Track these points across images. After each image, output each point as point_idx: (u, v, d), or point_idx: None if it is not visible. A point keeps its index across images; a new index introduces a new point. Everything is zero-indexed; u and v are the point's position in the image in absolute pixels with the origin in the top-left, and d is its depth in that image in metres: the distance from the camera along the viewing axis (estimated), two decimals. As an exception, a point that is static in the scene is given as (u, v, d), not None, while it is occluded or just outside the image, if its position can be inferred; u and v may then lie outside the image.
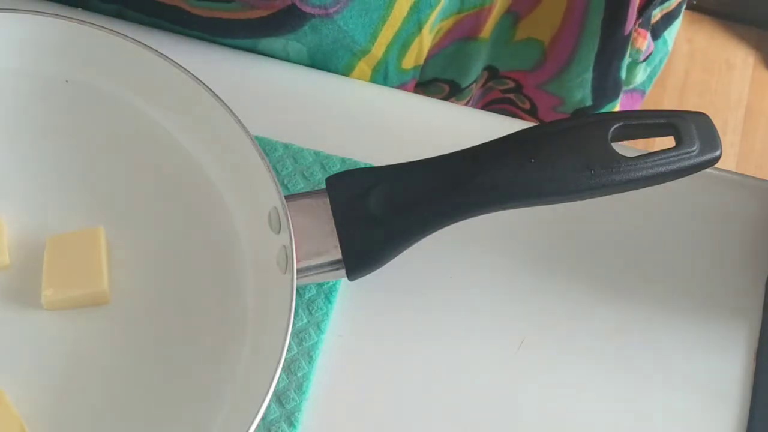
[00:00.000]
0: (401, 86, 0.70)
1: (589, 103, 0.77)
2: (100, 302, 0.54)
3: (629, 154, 0.53)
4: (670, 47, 0.82)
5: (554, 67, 0.74)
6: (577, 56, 0.73)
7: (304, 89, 0.63)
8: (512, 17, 0.70)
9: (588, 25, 0.70)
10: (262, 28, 0.61)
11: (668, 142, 0.53)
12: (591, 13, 0.69)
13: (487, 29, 0.70)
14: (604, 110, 0.79)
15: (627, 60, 0.75)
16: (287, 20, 0.60)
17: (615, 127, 0.53)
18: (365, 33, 0.63)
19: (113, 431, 0.52)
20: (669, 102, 1.56)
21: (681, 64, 1.58)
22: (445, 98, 0.75)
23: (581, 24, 0.70)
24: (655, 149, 0.53)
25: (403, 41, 0.66)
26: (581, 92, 0.76)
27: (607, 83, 0.75)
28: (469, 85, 0.75)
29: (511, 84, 0.78)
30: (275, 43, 0.62)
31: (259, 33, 0.62)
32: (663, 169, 0.52)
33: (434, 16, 0.65)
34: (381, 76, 0.68)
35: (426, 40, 0.67)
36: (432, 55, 0.71)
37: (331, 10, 0.60)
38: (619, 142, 0.53)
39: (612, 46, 0.72)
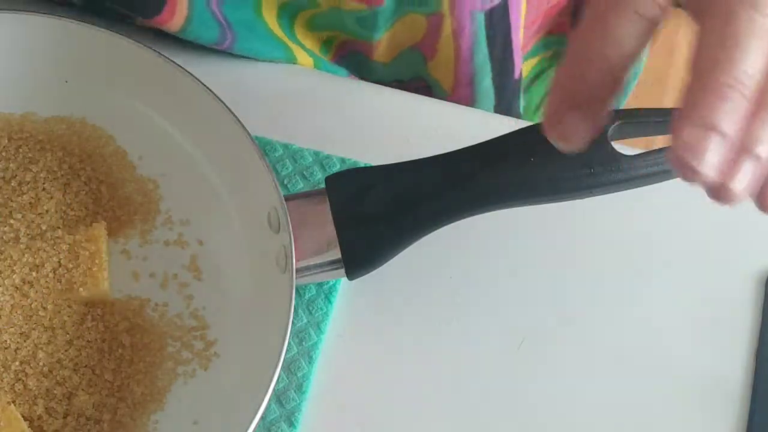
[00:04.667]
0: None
1: None
2: (99, 301, 0.54)
3: (629, 152, 0.52)
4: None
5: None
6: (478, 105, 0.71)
7: (303, 89, 0.63)
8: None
9: (479, 87, 0.68)
10: None
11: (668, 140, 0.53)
12: (479, 75, 0.68)
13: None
14: None
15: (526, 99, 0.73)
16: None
17: (614, 125, 0.53)
18: (263, 42, 0.62)
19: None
20: (669, 102, 1.56)
21: (681, 64, 1.58)
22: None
23: (473, 84, 0.68)
24: (656, 147, 0.53)
25: (289, 15, 0.63)
26: None
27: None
28: None
29: None
30: None
31: None
32: (662, 167, 0.52)
33: None
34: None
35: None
36: (385, 62, 0.68)
37: (224, 45, 0.61)
38: (620, 141, 0.53)
39: (507, 94, 0.70)
